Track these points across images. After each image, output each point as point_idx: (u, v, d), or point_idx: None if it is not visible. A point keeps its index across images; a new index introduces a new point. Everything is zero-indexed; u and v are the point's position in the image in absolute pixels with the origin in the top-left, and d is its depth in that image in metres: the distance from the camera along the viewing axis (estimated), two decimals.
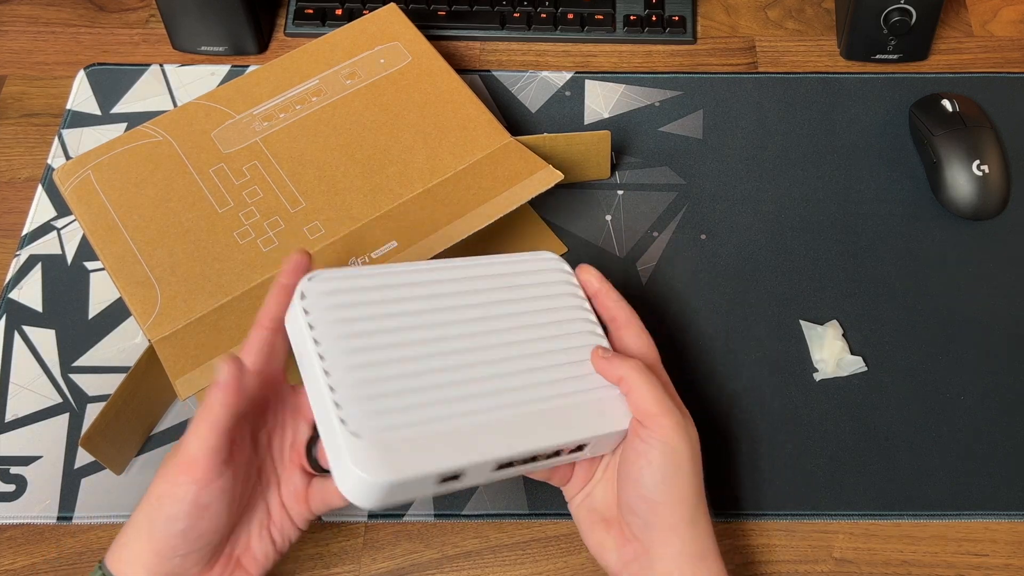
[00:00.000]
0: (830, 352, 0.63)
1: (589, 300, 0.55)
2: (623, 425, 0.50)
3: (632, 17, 0.80)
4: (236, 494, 0.46)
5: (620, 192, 0.71)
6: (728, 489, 0.59)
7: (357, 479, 0.43)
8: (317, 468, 0.50)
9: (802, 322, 0.65)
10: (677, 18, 0.80)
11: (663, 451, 0.48)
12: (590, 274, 0.55)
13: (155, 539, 0.45)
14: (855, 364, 0.63)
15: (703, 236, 0.69)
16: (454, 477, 0.45)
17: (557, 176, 0.62)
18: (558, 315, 0.53)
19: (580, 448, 0.50)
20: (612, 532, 0.50)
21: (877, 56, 0.77)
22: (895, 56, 0.77)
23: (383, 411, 0.45)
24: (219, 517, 0.46)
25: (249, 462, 0.48)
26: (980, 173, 0.68)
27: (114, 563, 0.46)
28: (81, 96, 0.76)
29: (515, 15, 0.80)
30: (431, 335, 0.49)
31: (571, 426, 0.49)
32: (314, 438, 0.50)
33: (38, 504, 0.59)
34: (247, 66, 0.78)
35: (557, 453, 0.49)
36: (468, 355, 0.49)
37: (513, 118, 0.75)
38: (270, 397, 0.50)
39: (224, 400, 0.45)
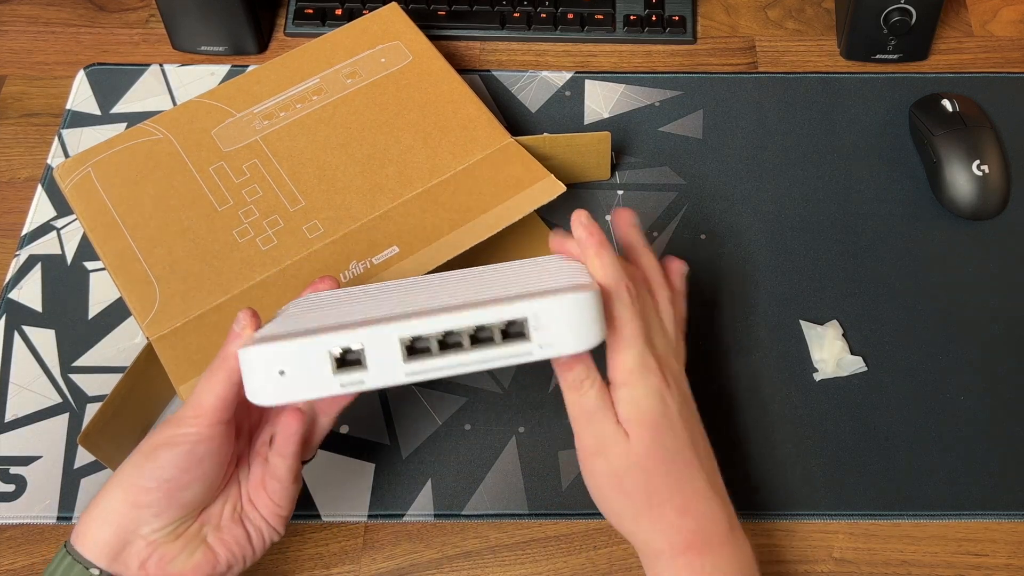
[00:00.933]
0: (830, 352, 0.63)
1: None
2: (569, 289, 0.41)
3: (632, 17, 0.80)
4: (223, 461, 0.47)
5: (620, 192, 0.71)
6: (728, 489, 0.59)
7: (241, 363, 0.41)
8: None
9: (802, 322, 0.65)
10: (677, 18, 0.80)
11: (583, 474, 0.48)
12: (575, 217, 0.48)
13: (135, 490, 0.45)
14: (855, 364, 0.63)
15: (703, 236, 0.69)
16: (353, 361, 0.41)
17: (560, 188, 0.62)
18: (543, 264, 0.48)
19: (519, 334, 0.41)
20: None
21: (877, 56, 0.77)
22: (895, 56, 0.77)
23: (286, 323, 0.44)
24: (203, 479, 0.46)
25: (236, 443, 0.48)
26: (980, 173, 0.68)
27: (81, 531, 0.45)
28: (81, 96, 0.76)
29: (515, 15, 0.80)
30: (376, 292, 0.47)
31: (497, 300, 0.41)
32: None
33: (38, 504, 0.59)
34: (247, 66, 0.78)
35: (485, 336, 0.41)
36: (410, 288, 0.47)
37: (513, 118, 0.75)
38: None
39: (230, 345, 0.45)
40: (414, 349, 0.41)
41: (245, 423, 0.50)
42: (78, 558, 0.45)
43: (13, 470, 0.60)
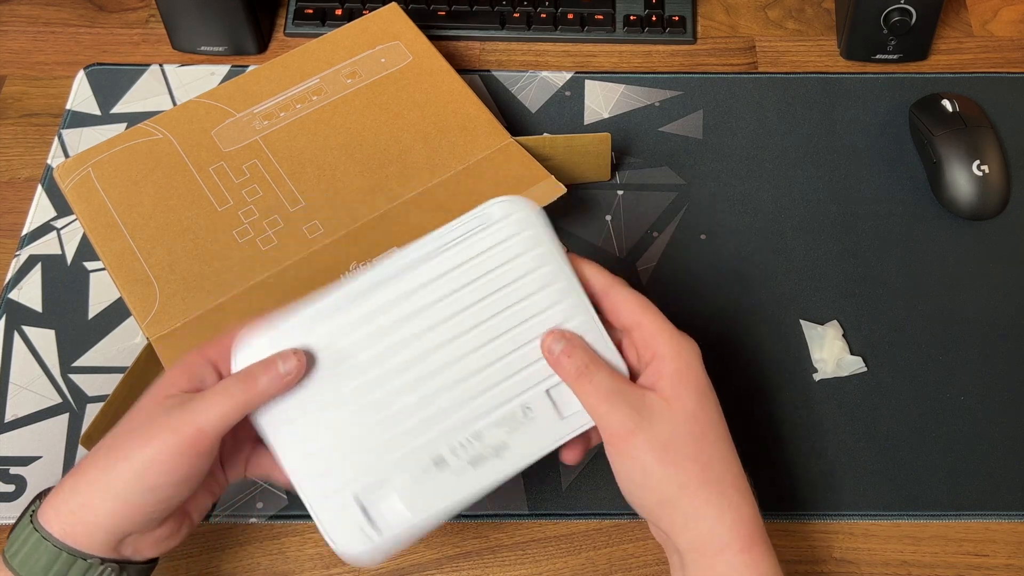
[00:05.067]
0: (830, 352, 0.63)
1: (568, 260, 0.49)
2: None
3: (632, 17, 0.80)
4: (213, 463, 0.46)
5: (620, 192, 0.71)
6: None
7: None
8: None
9: (802, 322, 0.65)
10: (677, 18, 0.80)
11: (619, 464, 0.45)
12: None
13: (129, 507, 0.43)
14: (855, 364, 0.63)
15: (703, 236, 0.69)
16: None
17: (560, 190, 0.62)
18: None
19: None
20: None
21: (877, 56, 0.77)
22: (895, 56, 0.77)
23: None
24: (197, 484, 0.45)
25: None
26: (980, 173, 0.68)
27: (69, 530, 0.44)
28: (81, 96, 0.76)
29: (515, 15, 0.80)
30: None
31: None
32: None
33: None
34: (247, 66, 0.78)
35: None
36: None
37: (513, 118, 0.75)
38: None
39: (270, 390, 0.43)
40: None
41: None
42: (72, 551, 0.43)
43: (13, 470, 0.60)
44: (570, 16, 0.80)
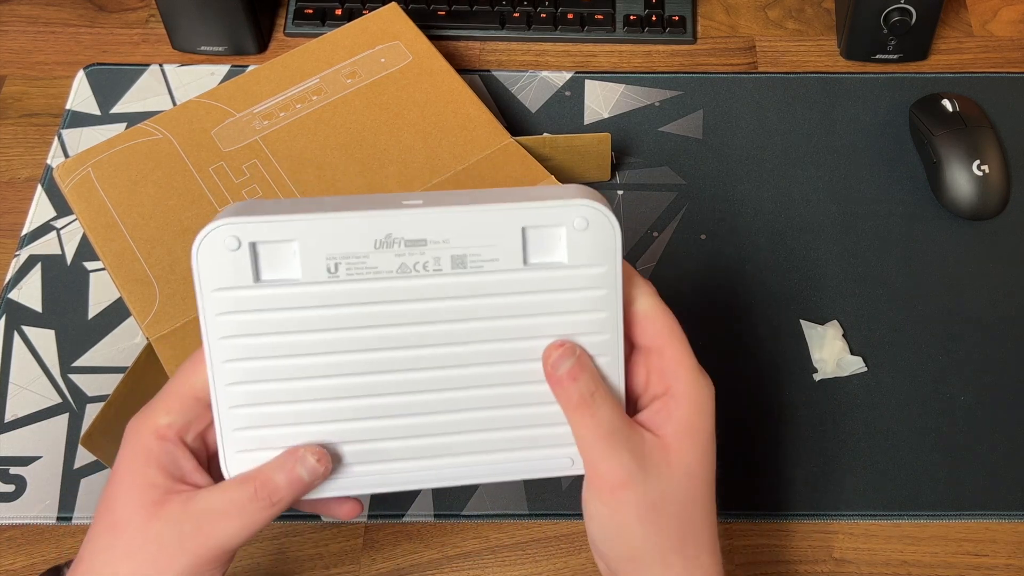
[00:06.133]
0: (830, 352, 0.63)
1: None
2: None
3: (632, 17, 0.80)
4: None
5: (620, 192, 0.71)
6: (728, 489, 0.59)
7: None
8: None
9: (802, 322, 0.65)
10: (677, 18, 0.80)
11: (596, 509, 0.39)
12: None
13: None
14: (855, 364, 0.63)
15: (703, 236, 0.69)
16: None
17: None
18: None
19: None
20: None
21: (877, 56, 0.77)
22: (895, 56, 0.77)
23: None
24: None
25: None
26: (980, 173, 0.68)
27: None
28: (81, 96, 0.76)
29: (515, 15, 0.80)
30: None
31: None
32: None
33: (38, 504, 0.59)
34: (247, 66, 0.78)
35: None
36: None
37: (513, 118, 0.75)
38: None
39: (290, 498, 0.39)
40: None
41: None
42: None
43: (13, 470, 0.60)
44: (570, 16, 0.80)
